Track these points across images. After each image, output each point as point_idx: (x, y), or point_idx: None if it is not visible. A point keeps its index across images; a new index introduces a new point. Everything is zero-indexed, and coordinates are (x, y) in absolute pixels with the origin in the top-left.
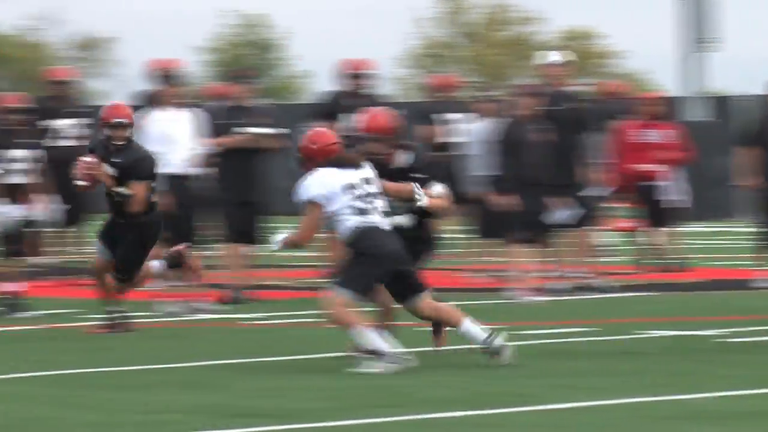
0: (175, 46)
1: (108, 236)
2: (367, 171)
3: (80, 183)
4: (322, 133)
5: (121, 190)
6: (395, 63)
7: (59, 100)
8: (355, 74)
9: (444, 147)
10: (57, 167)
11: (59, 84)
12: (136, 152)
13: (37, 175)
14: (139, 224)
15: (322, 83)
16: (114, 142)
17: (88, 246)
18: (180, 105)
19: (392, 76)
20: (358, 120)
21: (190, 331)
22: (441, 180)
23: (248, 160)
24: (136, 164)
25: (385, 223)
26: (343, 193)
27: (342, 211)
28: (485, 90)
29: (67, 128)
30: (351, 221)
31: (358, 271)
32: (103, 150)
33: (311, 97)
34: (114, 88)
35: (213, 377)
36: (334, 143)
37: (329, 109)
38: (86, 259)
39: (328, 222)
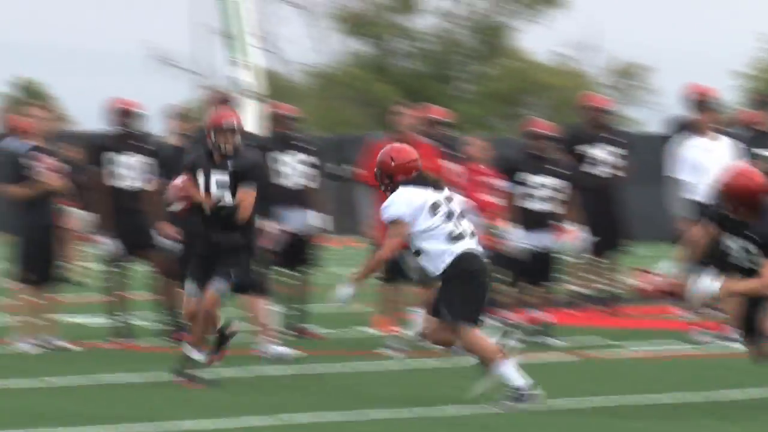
0: (713, 72)
1: (201, 269)
2: (448, 191)
3: (176, 207)
4: (401, 149)
5: (225, 203)
6: None
7: (596, 127)
8: None
9: None
10: (592, 195)
11: (596, 111)
12: (248, 157)
13: (564, 204)
14: (242, 242)
15: None
16: (223, 148)
17: (620, 276)
18: (716, 132)
19: None
20: (719, 177)
21: (719, 361)
22: None
23: None
24: (250, 169)
25: (473, 244)
26: (430, 214)
27: (431, 233)
28: None
29: (603, 156)
30: (443, 248)
31: (469, 299)
32: (208, 161)
33: None
34: (649, 115)
35: (738, 409)
36: (414, 160)
37: None
38: (617, 290)
39: (414, 242)
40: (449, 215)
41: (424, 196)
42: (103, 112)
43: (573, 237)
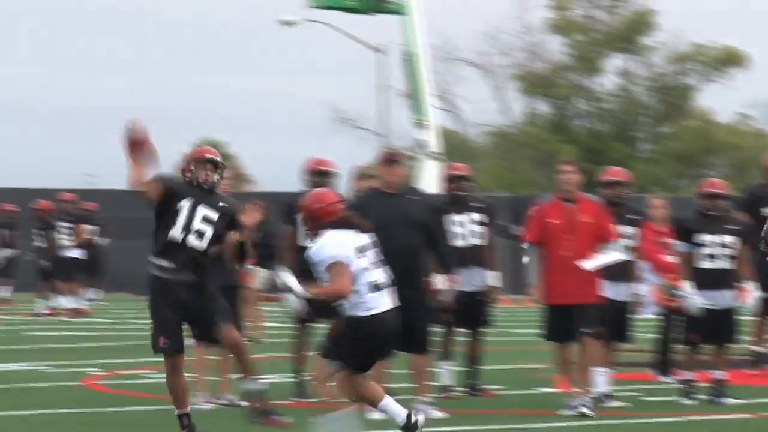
0: None
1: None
2: (371, 237)
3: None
4: (323, 192)
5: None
6: None
7: None
8: None
9: None
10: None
11: None
12: (231, 200)
13: (737, 261)
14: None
15: None
16: (202, 180)
17: None
18: None
19: None
20: None
21: None
22: None
23: None
24: (237, 213)
25: (389, 301)
26: (356, 257)
27: (356, 278)
28: None
29: None
30: (362, 295)
31: (352, 349)
32: (199, 192)
33: None
34: None
35: None
36: (336, 202)
37: None
38: None
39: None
40: (372, 263)
41: (351, 238)
42: (299, 172)
43: (748, 295)
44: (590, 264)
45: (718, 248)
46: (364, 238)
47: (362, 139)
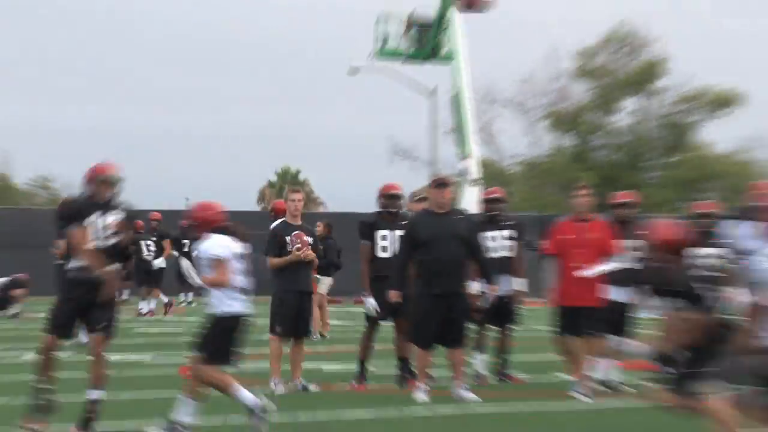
0: None
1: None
2: (244, 247)
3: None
4: (211, 203)
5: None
6: None
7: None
8: None
9: None
10: None
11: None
12: (127, 204)
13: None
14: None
15: None
16: (99, 200)
17: None
18: None
19: None
20: (647, 229)
21: None
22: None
23: None
24: (131, 218)
25: (247, 304)
26: (234, 262)
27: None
28: None
29: None
30: (230, 296)
31: (220, 345)
32: (95, 205)
33: None
34: None
35: None
36: (219, 212)
37: None
38: None
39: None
40: (240, 270)
41: (232, 243)
42: (372, 195)
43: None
44: (588, 272)
45: (709, 259)
46: (240, 247)
47: (415, 167)
